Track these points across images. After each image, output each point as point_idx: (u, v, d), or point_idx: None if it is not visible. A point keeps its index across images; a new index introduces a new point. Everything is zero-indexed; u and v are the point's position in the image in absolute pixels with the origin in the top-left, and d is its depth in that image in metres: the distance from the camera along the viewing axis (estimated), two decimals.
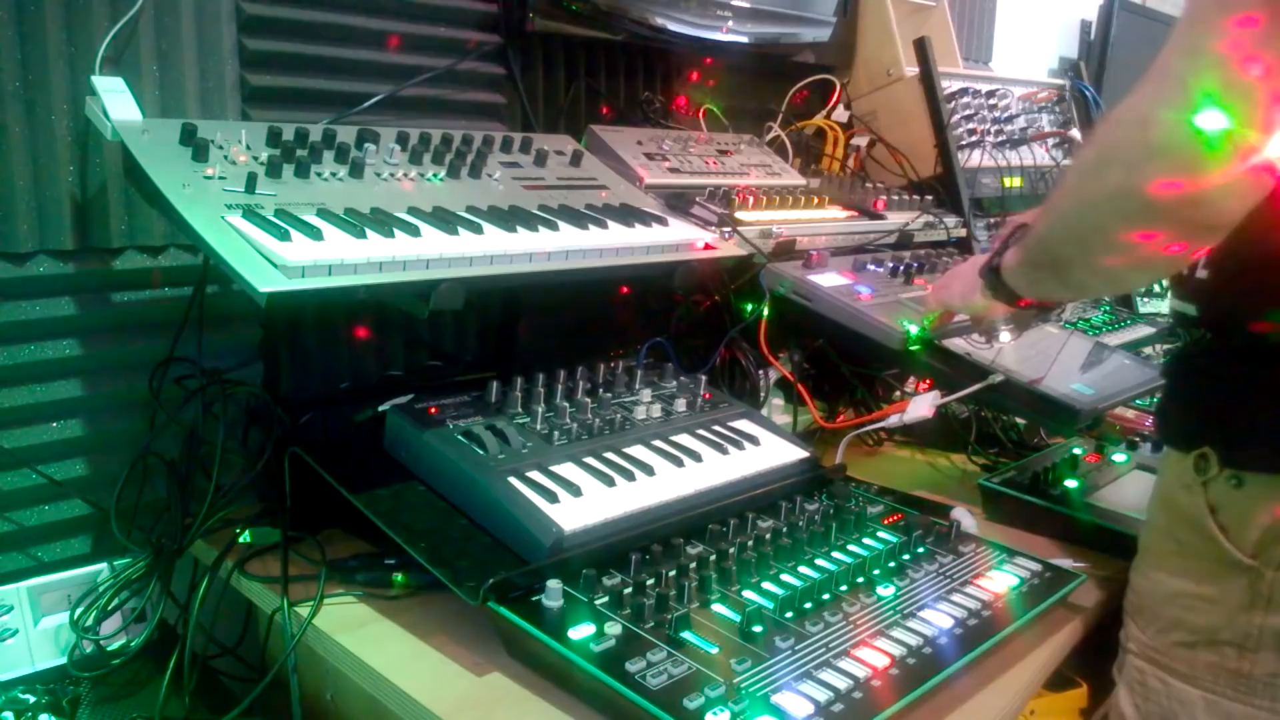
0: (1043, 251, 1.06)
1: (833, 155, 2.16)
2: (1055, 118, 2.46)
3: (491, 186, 1.41)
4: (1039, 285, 1.14)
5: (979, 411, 1.74)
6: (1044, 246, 1.05)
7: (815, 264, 1.61)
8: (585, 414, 1.29)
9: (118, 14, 1.29)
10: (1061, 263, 1.02)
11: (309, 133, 1.29)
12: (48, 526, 1.34)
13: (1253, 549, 0.97)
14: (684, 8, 1.85)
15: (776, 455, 1.35)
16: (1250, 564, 0.97)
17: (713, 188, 1.73)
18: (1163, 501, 1.07)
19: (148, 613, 1.25)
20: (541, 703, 0.96)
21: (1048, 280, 1.11)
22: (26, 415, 1.30)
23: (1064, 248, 1.00)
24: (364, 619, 1.12)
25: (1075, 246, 0.98)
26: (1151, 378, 1.64)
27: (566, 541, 1.06)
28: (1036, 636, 1.13)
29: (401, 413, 1.23)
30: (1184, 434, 1.04)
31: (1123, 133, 0.88)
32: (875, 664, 0.94)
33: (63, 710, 1.16)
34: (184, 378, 1.36)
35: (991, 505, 1.47)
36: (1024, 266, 1.11)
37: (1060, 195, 0.99)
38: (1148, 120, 0.84)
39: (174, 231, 1.37)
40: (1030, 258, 1.09)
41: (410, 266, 1.10)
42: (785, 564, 1.12)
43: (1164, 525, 1.07)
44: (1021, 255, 1.11)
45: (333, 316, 1.54)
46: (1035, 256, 1.08)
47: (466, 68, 1.68)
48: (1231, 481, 0.98)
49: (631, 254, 1.34)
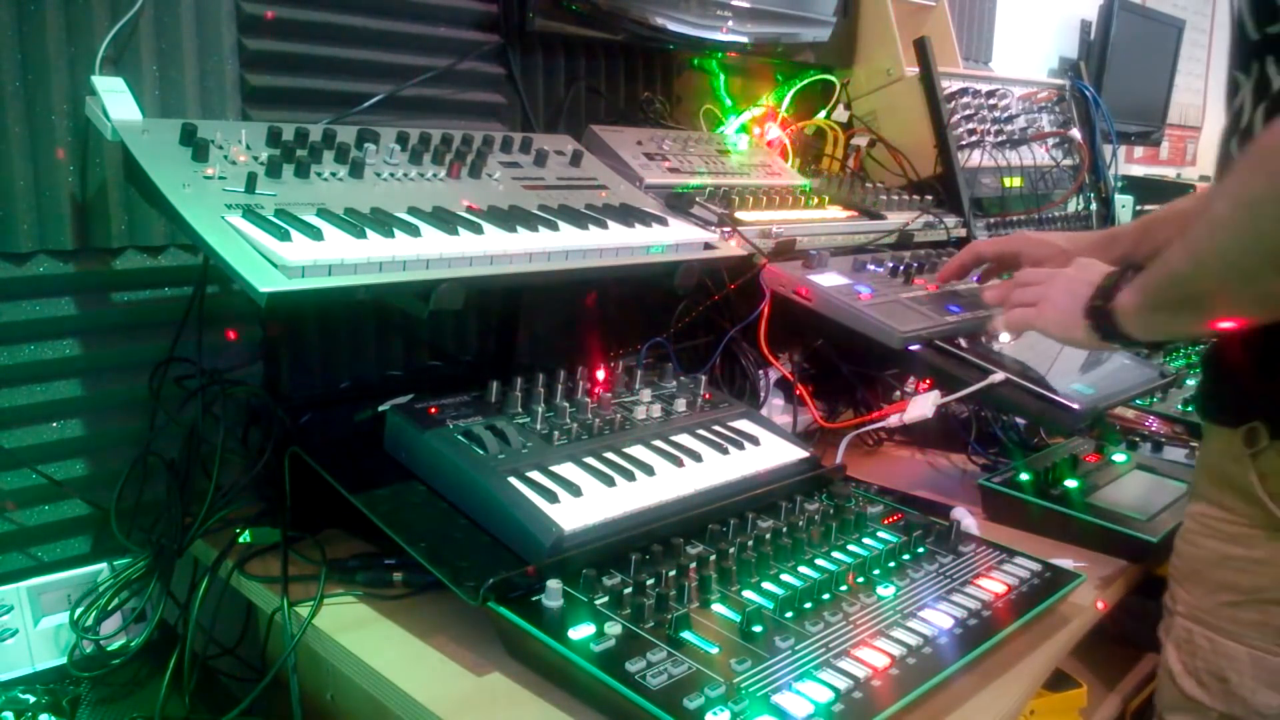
0: (1179, 290, 1.04)
1: (833, 155, 2.17)
2: (1055, 118, 2.46)
3: (491, 186, 1.41)
4: (1168, 326, 1.14)
5: (979, 411, 1.74)
6: (1181, 286, 1.03)
7: (815, 264, 1.61)
8: (585, 414, 1.29)
9: (118, 14, 1.29)
10: (1205, 300, 1.00)
11: (309, 133, 1.29)
12: (48, 526, 1.34)
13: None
14: (684, 8, 1.85)
15: (776, 455, 1.35)
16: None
17: (713, 188, 1.73)
18: (1209, 474, 1.11)
19: (148, 613, 1.25)
20: (541, 703, 0.96)
21: (1180, 320, 1.10)
22: (26, 415, 1.30)
23: (1212, 285, 0.98)
24: (364, 619, 1.12)
25: (1233, 281, 0.94)
26: (1152, 378, 1.64)
27: (566, 541, 1.06)
28: (1036, 636, 1.13)
29: (401, 413, 1.23)
30: (1231, 410, 1.07)
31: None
32: (875, 664, 0.94)
33: (63, 710, 1.16)
34: (184, 378, 1.36)
35: (991, 505, 1.47)
36: (1148, 310, 1.10)
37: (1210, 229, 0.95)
38: None
39: (174, 231, 1.37)
40: (1160, 297, 1.07)
41: (410, 266, 1.10)
42: (785, 564, 1.12)
43: (1212, 496, 1.10)
44: (1145, 296, 1.09)
45: (333, 316, 1.54)
46: (1168, 295, 1.06)
47: (466, 68, 1.68)
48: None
49: (631, 254, 1.34)
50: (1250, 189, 0.90)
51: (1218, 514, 1.10)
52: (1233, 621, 1.08)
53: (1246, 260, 0.91)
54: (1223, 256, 0.94)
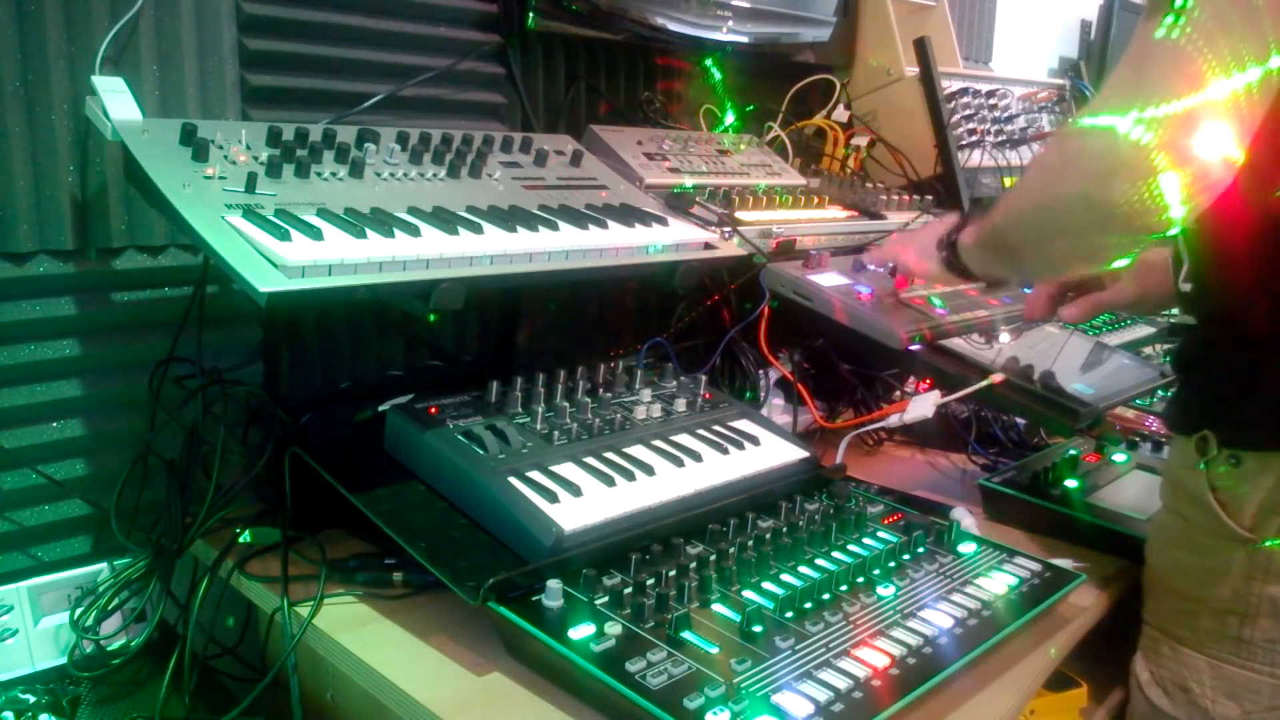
0: (998, 239, 1.14)
1: (833, 155, 2.17)
2: (1055, 118, 2.46)
3: (491, 186, 1.41)
4: (991, 266, 1.24)
5: (979, 411, 1.74)
6: (999, 235, 1.14)
7: (815, 264, 1.61)
8: (585, 414, 1.29)
9: (118, 14, 1.29)
10: (1014, 251, 1.13)
11: (309, 133, 1.29)
12: (48, 526, 1.34)
13: (1250, 522, 1.04)
14: (684, 8, 1.85)
15: (776, 455, 1.35)
16: (1248, 536, 1.04)
17: (713, 188, 1.73)
18: (1170, 483, 1.15)
19: (148, 613, 1.25)
20: (541, 703, 0.96)
21: (1000, 263, 1.21)
22: (26, 415, 1.30)
23: (1018, 239, 1.10)
24: (364, 619, 1.12)
25: (1030, 240, 1.07)
26: (1152, 378, 1.64)
27: (566, 541, 1.06)
28: (1036, 636, 1.13)
29: (401, 413, 1.23)
30: (1186, 419, 1.11)
31: (1086, 143, 0.92)
32: (875, 664, 0.94)
33: (63, 710, 1.16)
34: (184, 378, 1.36)
35: (991, 505, 1.47)
36: (978, 248, 1.21)
37: (1020, 193, 1.09)
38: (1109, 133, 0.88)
39: (174, 231, 1.37)
40: (986, 240, 1.18)
41: (410, 266, 1.10)
42: (785, 564, 1.12)
43: (1172, 504, 1.14)
44: (977, 237, 1.20)
45: (333, 316, 1.54)
46: (991, 241, 1.17)
47: (466, 68, 1.68)
48: (1230, 461, 1.05)
49: (632, 254, 1.34)
50: (1048, 159, 1.04)
51: (1177, 523, 1.12)
52: (1193, 631, 1.10)
53: (1036, 222, 1.02)
54: (1020, 216, 1.06)
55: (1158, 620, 1.15)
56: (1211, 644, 1.09)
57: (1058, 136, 0.98)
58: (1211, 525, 1.07)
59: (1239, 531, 1.05)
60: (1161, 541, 1.16)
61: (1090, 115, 0.89)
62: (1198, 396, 1.12)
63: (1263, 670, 1.06)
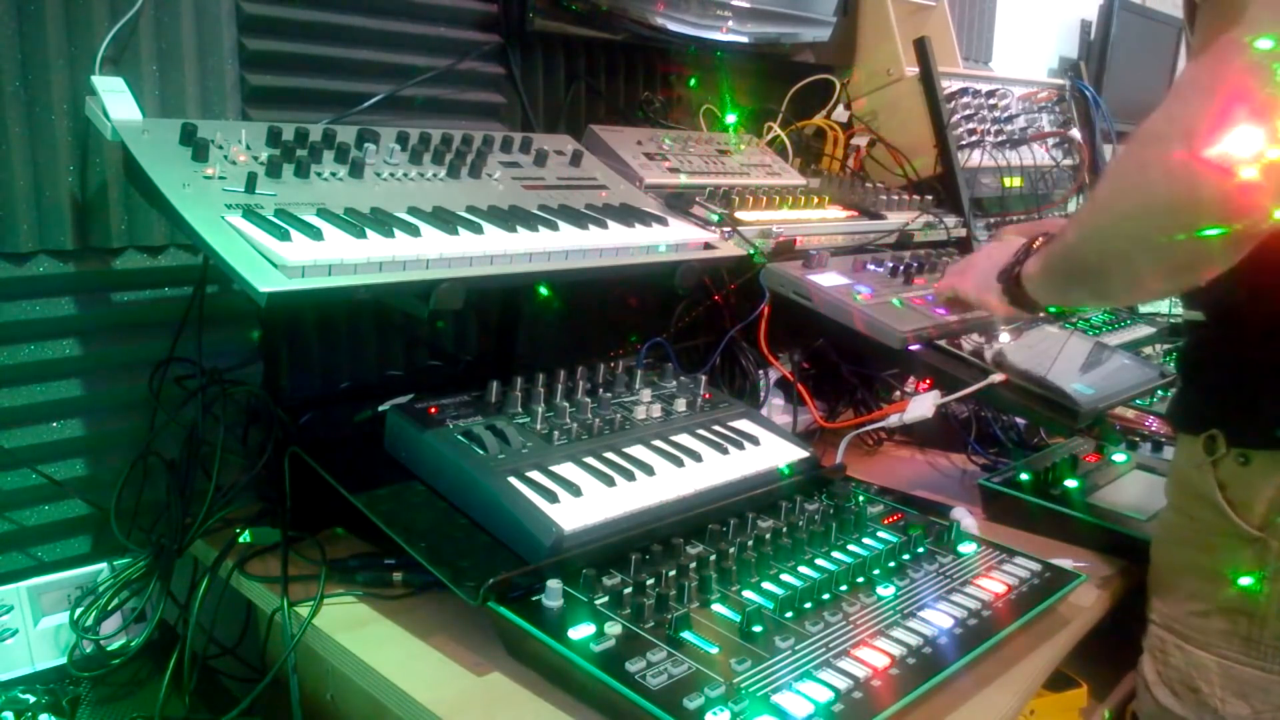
0: (1074, 261, 1.06)
1: (833, 155, 2.17)
2: (1055, 118, 2.46)
3: (491, 186, 1.41)
4: (1066, 294, 1.16)
5: (979, 411, 1.74)
6: (1076, 256, 1.04)
7: (815, 264, 1.61)
8: (585, 414, 1.29)
9: (118, 14, 1.29)
10: (1095, 272, 1.02)
11: (309, 133, 1.29)
12: (48, 526, 1.34)
13: (1260, 521, 1.03)
14: (684, 8, 1.85)
15: (776, 455, 1.35)
16: (1258, 535, 1.03)
17: (713, 188, 1.73)
18: (1177, 482, 1.13)
19: (148, 613, 1.25)
20: (541, 703, 0.96)
21: (1076, 290, 1.12)
22: (26, 415, 1.30)
23: (1101, 258, 1.00)
24: (364, 619, 1.12)
25: (1115, 257, 0.97)
26: (1152, 378, 1.64)
27: (566, 541, 1.06)
28: (1036, 636, 1.13)
29: (401, 413, 1.23)
30: (1194, 418, 1.10)
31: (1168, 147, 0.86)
32: (875, 664, 0.94)
33: (63, 710, 1.16)
34: (184, 378, 1.36)
35: (991, 505, 1.47)
36: (1048, 276, 1.12)
37: (1097, 206, 0.99)
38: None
39: (174, 231, 1.38)
40: (1057, 266, 1.10)
41: (410, 266, 1.10)
42: (785, 564, 1.12)
43: (1179, 504, 1.12)
44: (1046, 264, 1.12)
45: (333, 316, 1.54)
46: (1063, 266, 1.09)
47: (466, 68, 1.68)
48: (1239, 460, 1.04)
49: (631, 254, 1.34)
50: (1125, 171, 0.94)
51: (1185, 522, 1.11)
52: (1202, 631, 1.09)
53: (1119, 240, 0.95)
54: (1100, 234, 0.98)
55: (1165, 620, 1.14)
56: (1221, 644, 1.08)
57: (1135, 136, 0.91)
58: (1220, 524, 1.06)
59: (1248, 531, 1.04)
60: (1168, 541, 1.15)
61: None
62: (1206, 395, 1.11)
63: (1273, 670, 1.05)
